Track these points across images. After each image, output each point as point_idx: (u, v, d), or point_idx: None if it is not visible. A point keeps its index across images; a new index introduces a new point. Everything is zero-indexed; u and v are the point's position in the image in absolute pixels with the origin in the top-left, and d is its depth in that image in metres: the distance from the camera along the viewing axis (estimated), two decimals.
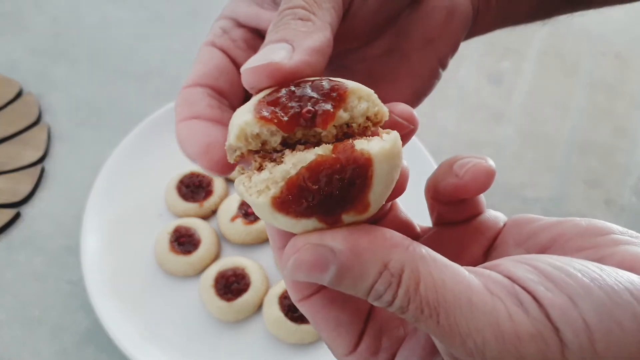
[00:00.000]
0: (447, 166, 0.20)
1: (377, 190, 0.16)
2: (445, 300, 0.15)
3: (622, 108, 0.62)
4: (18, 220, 0.50)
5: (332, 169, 0.16)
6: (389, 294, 0.16)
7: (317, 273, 0.16)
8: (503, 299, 0.15)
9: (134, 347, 0.41)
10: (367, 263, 0.16)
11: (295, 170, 0.16)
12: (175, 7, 0.70)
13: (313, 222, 0.16)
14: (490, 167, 0.19)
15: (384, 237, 0.16)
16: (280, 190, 0.16)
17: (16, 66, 0.62)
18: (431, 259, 0.16)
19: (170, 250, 0.46)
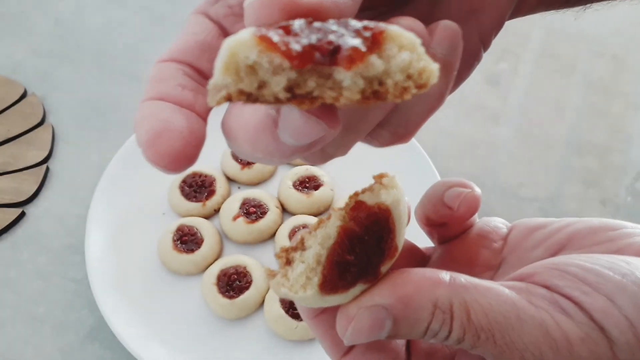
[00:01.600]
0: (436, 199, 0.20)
1: (399, 232, 0.17)
2: (497, 322, 0.16)
3: (618, 108, 0.62)
4: (23, 220, 0.51)
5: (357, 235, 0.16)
6: (445, 330, 0.16)
7: (375, 332, 0.17)
8: (547, 310, 0.16)
9: (138, 344, 0.41)
10: (418, 309, 0.16)
11: (326, 251, 0.16)
12: (177, 8, 0.71)
13: (360, 287, 0.17)
14: (478, 194, 0.20)
15: (425, 279, 0.17)
16: (322, 276, 0.16)
17: (20, 67, 0.63)
18: (473, 287, 0.17)
19: (173, 249, 0.46)
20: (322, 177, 0.51)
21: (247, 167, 0.52)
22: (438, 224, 0.22)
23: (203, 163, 0.53)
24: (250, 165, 0.52)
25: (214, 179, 0.51)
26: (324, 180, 0.51)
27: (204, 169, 0.52)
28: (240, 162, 0.52)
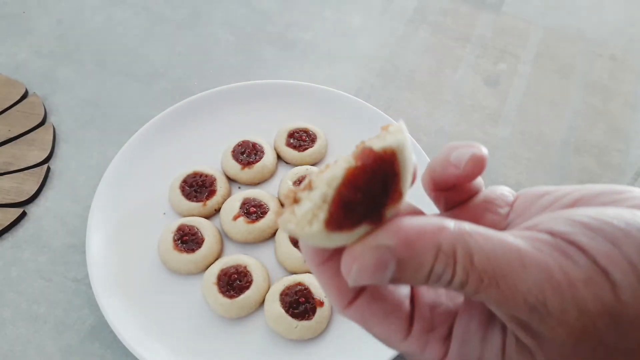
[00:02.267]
0: (443, 160, 0.21)
1: (404, 178, 0.17)
2: (500, 267, 0.16)
3: (617, 109, 0.63)
4: (24, 219, 0.51)
5: (363, 176, 0.16)
6: (448, 274, 0.17)
7: (379, 273, 0.17)
8: (551, 254, 0.16)
9: (139, 343, 0.41)
10: (422, 251, 0.17)
11: (332, 190, 0.16)
12: (178, 9, 0.71)
13: (364, 228, 0.17)
14: (484, 153, 0.20)
15: (430, 223, 0.17)
16: (328, 213, 0.16)
17: (21, 68, 0.63)
18: (477, 233, 0.17)
19: (174, 248, 0.46)
20: None
21: (247, 167, 0.52)
22: (444, 188, 0.22)
23: (203, 163, 0.53)
24: (251, 165, 0.52)
25: (215, 178, 0.51)
26: None
27: (204, 169, 0.52)
28: (241, 162, 0.52)
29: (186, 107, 0.56)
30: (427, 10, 0.73)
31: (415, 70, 0.65)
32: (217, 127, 0.56)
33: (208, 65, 0.65)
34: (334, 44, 0.68)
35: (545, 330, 0.17)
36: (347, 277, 0.17)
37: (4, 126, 0.56)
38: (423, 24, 0.71)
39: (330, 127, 0.57)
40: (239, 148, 0.53)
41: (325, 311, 0.43)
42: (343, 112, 0.57)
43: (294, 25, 0.70)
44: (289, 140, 0.54)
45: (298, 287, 0.44)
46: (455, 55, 0.67)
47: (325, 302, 0.44)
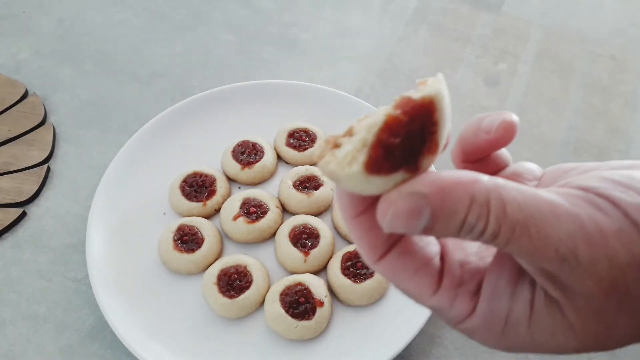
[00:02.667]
0: (474, 127, 0.21)
1: (442, 129, 0.18)
2: (532, 217, 0.16)
3: (617, 109, 0.63)
4: (24, 219, 0.51)
5: (403, 124, 0.17)
6: (481, 223, 0.17)
7: (413, 219, 0.17)
8: (583, 207, 0.17)
9: (138, 343, 0.41)
10: (456, 200, 0.17)
11: (372, 135, 0.17)
12: (178, 9, 0.71)
13: (401, 175, 0.17)
14: (515, 119, 0.21)
15: (465, 175, 0.17)
16: (368, 155, 0.17)
17: (21, 68, 0.63)
18: (510, 186, 0.17)
19: (174, 248, 0.46)
20: (322, 177, 0.52)
21: (247, 167, 0.52)
22: (474, 159, 0.22)
23: (203, 163, 0.53)
24: (251, 165, 0.52)
25: (215, 178, 0.51)
26: (324, 180, 0.51)
27: (204, 169, 0.52)
28: (241, 162, 0.52)
29: (186, 107, 0.56)
30: (427, 10, 0.73)
31: (415, 70, 0.65)
32: (217, 127, 0.56)
33: (208, 65, 0.65)
34: (334, 44, 0.68)
35: (575, 282, 0.17)
36: (382, 223, 0.18)
37: (4, 126, 0.56)
38: (423, 24, 0.71)
39: (330, 127, 0.57)
40: (239, 148, 0.53)
41: (325, 311, 0.43)
42: (343, 112, 0.57)
43: (294, 25, 0.70)
44: (289, 140, 0.55)
45: (298, 287, 0.44)
46: (455, 55, 0.67)
47: (325, 302, 0.44)
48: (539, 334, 0.19)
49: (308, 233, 0.47)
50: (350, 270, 0.45)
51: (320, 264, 0.47)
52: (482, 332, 0.20)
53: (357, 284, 0.44)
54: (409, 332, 0.42)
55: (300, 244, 0.47)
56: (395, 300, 0.45)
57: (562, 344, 0.18)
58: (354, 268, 0.45)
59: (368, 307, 0.45)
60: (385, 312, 0.45)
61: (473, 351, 0.44)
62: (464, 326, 0.20)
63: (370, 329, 0.44)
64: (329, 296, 0.45)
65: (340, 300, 0.45)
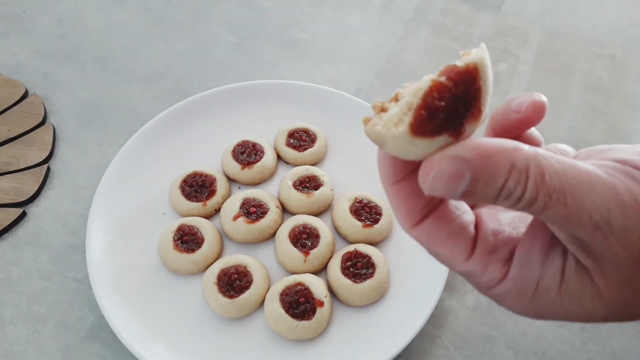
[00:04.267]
0: (505, 107, 0.22)
1: (485, 95, 0.18)
2: (569, 184, 0.17)
3: (617, 109, 0.63)
4: (24, 220, 0.51)
5: (447, 89, 0.17)
6: (519, 189, 0.17)
7: (454, 182, 0.18)
8: (619, 177, 0.17)
9: (138, 343, 0.41)
10: (496, 166, 0.17)
11: (418, 99, 0.17)
12: (178, 9, 0.71)
13: (445, 138, 0.18)
14: (543, 99, 0.21)
15: (507, 142, 0.18)
16: (413, 117, 0.17)
17: (22, 68, 0.63)
18: (549, 156, 0.18)
19: (174, 248, 0.46)
20: (322, 177, 0.52)
21: (247, 167, 0.52)
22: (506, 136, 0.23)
23: (204, 163, 0.53)
24: (251, 165, 0.52)
25: (215, 178, 0.51)
26: (324, 180, 0.51)
27: (204, 169, 0.52)
28: (241, 162, 0.52)
29: (186, 107, 0.56)
30: (427, 10, 0.73)
31: (415, 70, 0.65)
32: (217, 127, 0.56)
33: (208, 65, 0.65)
34: (334, 44, 0.68)
35: (606, 249, 0.17)
36: (422, 185, 0.18)
37: (4, 126, 0.56)
38: (423, 24, 0.71)
39: (330, 127, 0.57)
40: (239, 148, 0.53)
41: (325, 311, 0.43)
42: (343, 112, 0.57)
43: (294, 25, 0.70)
44: (289, 140, 0.55)
45: (298, 287, 0.44)
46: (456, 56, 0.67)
47: (325, 302, 0.44)
48: (568, 301, 0.19)
49: (308, 233, 0.47)
50: (350, 270, 0.45)
51: (320, 264, 0.47)
52: (512, 297, 0.20)
53: (357, 284, 0.44)
54: (409, 332, 0.42)
55: (300, 244, 0.47)
56: (395, 300, 0.45)
57: (590, 311, 0.19)
58: (354, 268, 0.45)
59: (368, 307, 0.45)
60: (385, 312, 0.45)
61: (473, 351, 0.44)
62: (494, 291, 0.21)
63: (370, 329, 0.44)
64: (329, 296, 0.45)
65: (340, 300, 0.45)
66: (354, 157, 0.55)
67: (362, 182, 0.52)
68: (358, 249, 0.46)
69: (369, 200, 0.50)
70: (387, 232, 0.49)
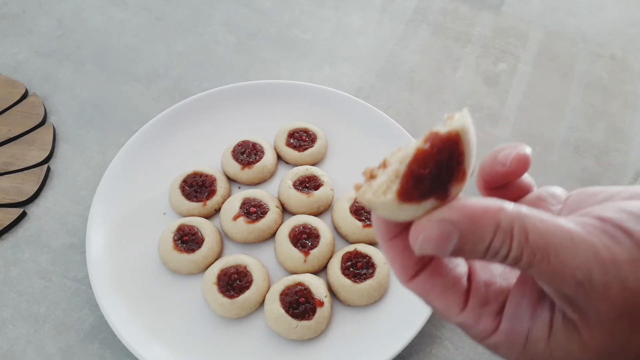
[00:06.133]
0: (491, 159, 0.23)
1: (468, 157, 0.19)
2: (552, 243, 0.18)
3: (617, 109, 0.63)
4: (24, 219, 0.51)
5: (432, 156, 0.18)
6: (505, 249, 0.18)
7: (443, 243, 0.19)
8: (598, 236, 0.18)
9: (138, 343, 0.41)
10: (482, 227, 0.18)
11: (404, 166, 0.18)
12: (177, 9, 0.71)
13: (432, 203, 0.19)
14: (528, 152, 0.22)
15: (491, 203, 0.19)
16: (400, 185, 0.18)
17: (22, 68, 0.63)
18: (532, 214, 0.19)
19: (174, 248, 0.46)
20: (322, 177, 0.52)
21: (247, 167, 0.52)
22: (495, 186, 0.23)
23: (204, 163, 0.53)
24: (251, 165, 0.52)
25: (215, 178, 0.51)
26: (324, 180, 0.51)
27: (204, 169, 0.52)
28: (241, 162, 0.52)
29: (186, 107, 0.56)
30: (427, 10, 0.73)
31: (415, 70, 0.65)
32: (217, 127, 0.56)
33: (208, 65, 0.65)
34: (334, 44, 0.68)
35: (590, 305, 0.18)
36: (413, 246, 0.19)
37: (4, 126, 0.56)
38: (423, 24, 0.71)
39: (330, 127, 0.57)
40: (239, 148, 0.53)
41: (325, 311, 0.43)
42: (343, 112, 0.57)
43: (294, 25, 0.70)
44: (289, 140, 0.55)
45: (298, 287, 0.44)
46: (455, 55, 0.67)
47: (325, 302, 0.44)
48: (557, 352, 0.20)
49: (308, 233, 0.47)
50: (350, 270, 0.45)
51: (320, 264, 0.47)
52: (504, 348, 0.21)
53: (357, 284, 0.44)
54: (409, 332, 0.42)
55: (300, 244, 0.47)
56: (395, 300, 0.45)
57: None
58: (354, 268, 0.45)
59: (368, 307, 0.45)
60: (385, 312, 0.45)
61: (473, 351, 0.44)
62: (488, 342, 0.22)
63: (370, 329, 0.44)
64: (329, 296, 0.45)
65: (340, 300, 0.45)
66: (354, 157, 0.55)
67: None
68: (358, 249, 0.46)
69: None
70: None
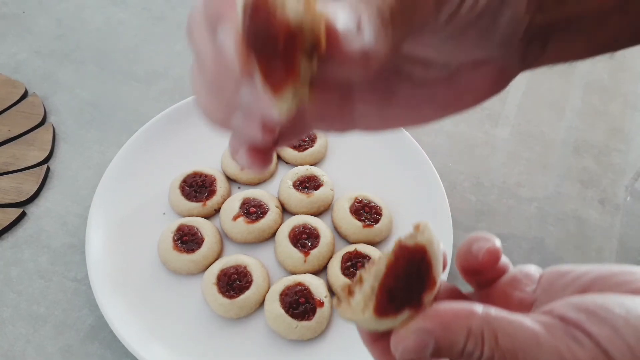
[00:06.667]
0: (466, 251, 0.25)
1: (436, 267, 0.21)
2: (520, 345, 0.19)
3: (616, 109, 0.63)
4: (23, 219, 0.51)
5: (402, 268, 0.20)
6: (477, 352, 0.20)
7: (421, 350, 0.21)
8: (562, 338, 0.20)
9: (138, 343, 0.41)
10: (455, 333, 0.20)
11: (378, 282, 0.20)
12: (177, 9, 0.71)
13: (407, 313, 0.21)
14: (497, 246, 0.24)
15: (461, 309, 0.21)
16: (376, 301, 0.20)
17: (21, 68, 0.63)
18: (501, 317, 0.20)
19: (173, 248, 0.46)
20: (322, 177, 0.52)
21: None
22: (472, 274, 0.25)
23: (203, 163, 0.53)
24: None
25: (215, 178, 0.51)
26: (324, 180, 0.51)
27: (204, 169, 0.52)
28: None
29: (186, 107, 0.56)
30: None
31: None
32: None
33: None
34: None
35: None
36: (395, 354, 0.21)
37: (4, 126, 0.56)
38: None
39: None
40: None
41: (325, 311, 0.43)
42: None
43: None
44: None
45: (298, 287, 0.44)
46: None
47: (325, 302, 0.44)
48: None
49: (308, 233, 0.47)
50: (350, 271, 0.45)
51: (320, 264, 0.47)
52: None
53: None
54: None
55: (300, 244, 0.47)
56: None
57: None
58: (354, 268, 0.45)
59: None
60: None
61: None
62: None
63: None
64: (329, 296, 0.45)
65: None
66: (354, 157, 0.55)
67: (362, 182, 0.52)
68: (358, 249, 0.46)
69: (369, 200, 0.50)
70: (387, 232, 0.49)
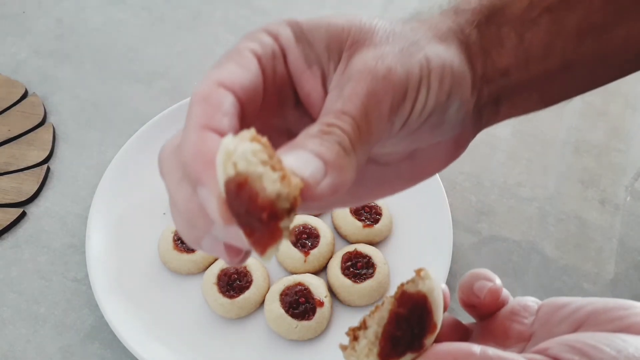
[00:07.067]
0: (468, 289, 0.25)
1: (436, 312, 0.22)
2: None
3: (617, 109, 0.63)
4: (23, 220, 0.51)
5: (404, 315, 0.21)
6: None
7: None
8: None
9: (138, 343, 0.41)
10: None
11: (381, 328, 0.21)
12: (177, 9, 0.71)
13: (410, 356, 0.21)
14: (498, 286, 0.25)
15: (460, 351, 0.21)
16: (379, 347, 0.21)
17: (21, 68, 0.63)
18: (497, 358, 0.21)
19: (173, 248, 0.46)
20: None
21: None
22: (474, 308, 0.26)
23: None
24: None
25: None
26: None
27: None
28: None
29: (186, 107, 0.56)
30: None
31: None
32: None
33: (208, 65, 0.64)
34: None
35: None
36: None
37: (4, 126, 0.56)
38: None
39: None
40: None
41: (325, 311, 0.43)
42: None
43: None
44: None
45: (298, 287, 0.44)
46: None
47: (325, 302, 0.44)
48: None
49: (308, 233, 0.47)
50: (350, 270, 0.45)
51: (320, 264, 0.47)
52: None
53: (357, 284, 0.44)
54: None
55: (300, 244, 0.47)
56: None
57: None
58: (354, 268, 0.45)
59: (368, 307, 0.45)
60: None
61: None
62: None
63: None
64: (329, 296, 0.45)
65: (340, 300, 0.45)
66: None
67: None
68: (358, 249, 0.46)
69: None
70: (387, 232, 0.49)
